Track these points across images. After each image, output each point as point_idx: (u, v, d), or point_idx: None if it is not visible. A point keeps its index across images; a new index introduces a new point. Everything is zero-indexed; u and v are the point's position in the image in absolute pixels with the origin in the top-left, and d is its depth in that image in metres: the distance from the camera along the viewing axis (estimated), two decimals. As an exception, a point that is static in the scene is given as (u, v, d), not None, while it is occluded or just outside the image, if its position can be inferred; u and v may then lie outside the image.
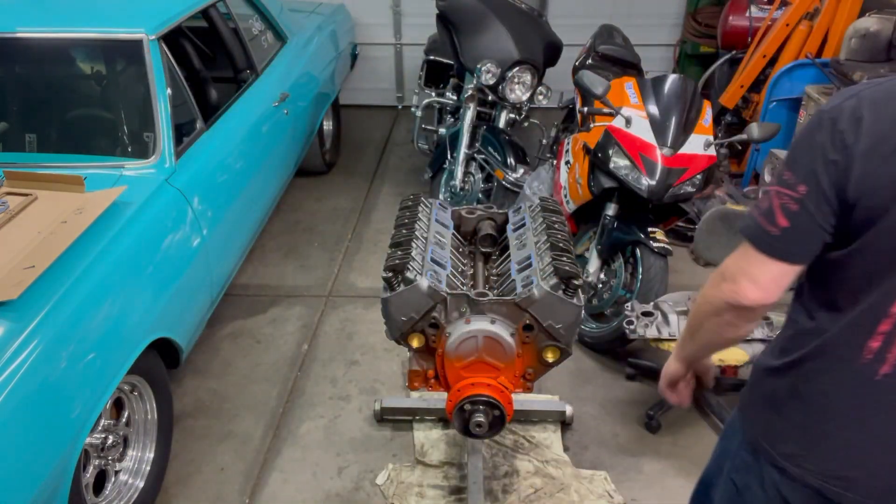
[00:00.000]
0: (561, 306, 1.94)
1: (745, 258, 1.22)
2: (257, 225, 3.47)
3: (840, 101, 1.14)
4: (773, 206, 1.17)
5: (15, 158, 2.69)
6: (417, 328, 2.01)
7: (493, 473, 2.55)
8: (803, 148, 1.16)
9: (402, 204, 2.38)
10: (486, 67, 3.65)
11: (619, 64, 3.91)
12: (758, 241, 1.20)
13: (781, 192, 1.17)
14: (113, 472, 2.30)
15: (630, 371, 3.04)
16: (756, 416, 1.36)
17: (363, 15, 5.63)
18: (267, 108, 3.53)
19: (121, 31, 2.82)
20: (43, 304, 1.94)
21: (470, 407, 2.01)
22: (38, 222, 2.18)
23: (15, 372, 1.79)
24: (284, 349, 3.24)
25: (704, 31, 5.32)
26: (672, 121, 2.88)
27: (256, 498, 2.52)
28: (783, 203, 1.16)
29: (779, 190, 1.17)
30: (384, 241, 3.69)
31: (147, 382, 2.38)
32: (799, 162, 1.16)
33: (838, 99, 1.15)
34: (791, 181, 1.16)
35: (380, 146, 5.39)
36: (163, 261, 2.46)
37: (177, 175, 2.68)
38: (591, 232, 3.18)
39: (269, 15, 4.01)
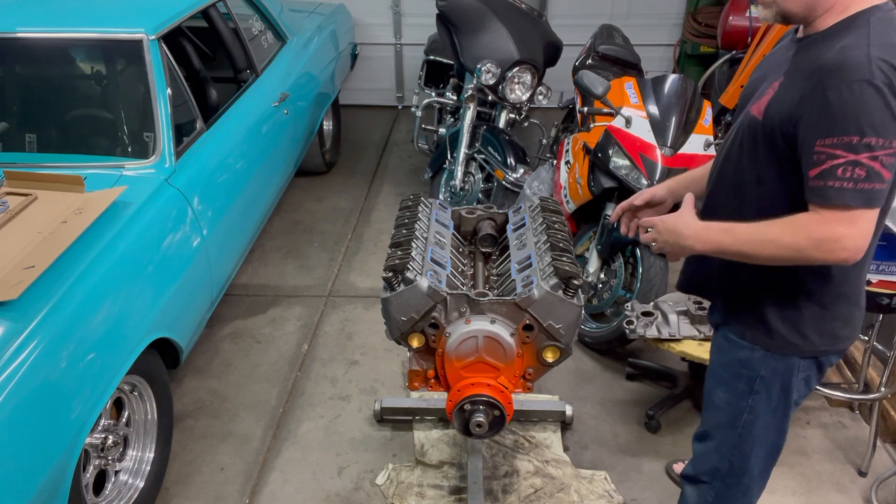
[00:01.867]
0: (561, 306, 1.94)
1: (866, 222, 1.37)
2: (257, 225, 3.47)
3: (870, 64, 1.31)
4: (877, 168, 1.33)
5: (15, 158, 2.69)
6: (417, 328, 2.01)
7: (493, 473, 2.55)
8: (878, 113, 1.31)
9: (402, 204, 2.38)
10: (486, 67, 3.65)
11: (619, 64, 3.91)
12: (875, 201, 1.35)
13: (877, 154, 1.32)
14: (113, 472, 2.30)
15: (630, 371, 3.04)
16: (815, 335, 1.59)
17: (363, 15, 5.63)
18: (267, 108, 3.53)
19: (121, 31, 2.82)
20: (43, 304, 1.94)
21: (470, 407, 2.01)
22: (38, 222, 2.18)
23: (15, 372, 1.79)
24: (284, 349, 3.24)
25: (704, 31, 5.32)
26: (672, 121, 2.89)
27: (256, 498, 2.52)
28: (884, 161, 1.33)
29: (872, 154, 1.32)
30: (384, 241, 3.70)
31: (147, 382, 2.38)
32: (879, 126, 1.31)
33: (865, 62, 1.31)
34: (881, 143, 1.31)
35: (380, 146, 5.40)
36: (163, 261, 2.46)
37: (177, 175, 2.68)
38: (591, 232, 3.18)
39: (269, 15, 4.01)
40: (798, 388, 1.66)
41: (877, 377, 2.63)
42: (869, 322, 2.60)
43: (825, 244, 1.38)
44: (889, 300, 2.24)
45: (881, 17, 1.38)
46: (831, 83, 1.34)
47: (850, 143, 1.32)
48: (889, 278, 2.25)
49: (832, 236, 1.37)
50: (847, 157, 1.33)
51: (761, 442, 1.72)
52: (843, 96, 1.32)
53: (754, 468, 1.75)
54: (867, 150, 1.32)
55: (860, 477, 2.58)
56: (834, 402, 2.89)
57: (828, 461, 2.64)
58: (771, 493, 2.48)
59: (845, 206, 1.35)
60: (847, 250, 1.37)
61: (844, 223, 1.36)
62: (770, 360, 1.63)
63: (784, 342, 1.60)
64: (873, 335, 2.58)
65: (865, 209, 1.35)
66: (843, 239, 1.37)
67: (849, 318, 1.60)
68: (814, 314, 1.57)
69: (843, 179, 1.34)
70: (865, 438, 2.66)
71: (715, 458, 1.78)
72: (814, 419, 2.83)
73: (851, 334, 1.63)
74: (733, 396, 1.70)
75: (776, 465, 2.57)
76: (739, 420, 1.70)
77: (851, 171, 1.33)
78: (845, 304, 1.58)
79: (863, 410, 2.85)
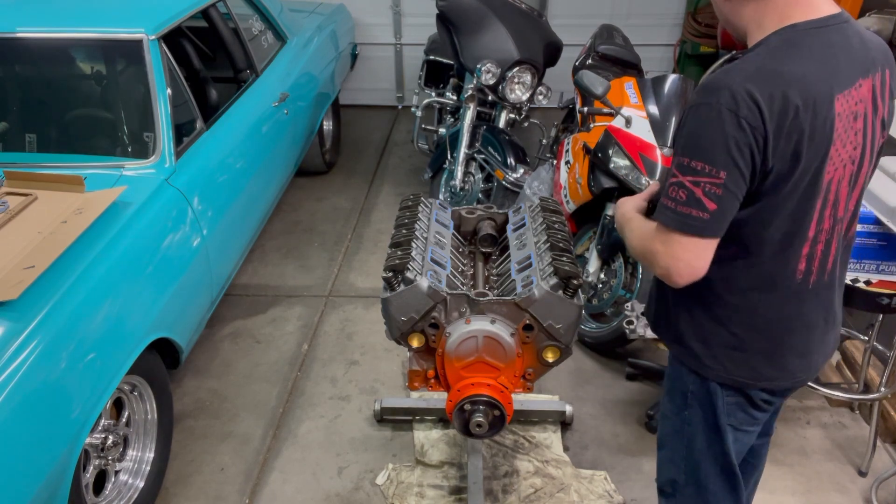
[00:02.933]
0: (561, 306, 1.94)
1: (677, 246, 1.35)
2: (257, 225, 3.47)
3: (728, 89, 1.26)
4: (698, 195, 1.31)
5: (15, 158, 2.69)
6: (417, 328, 2.01)
7: (493, 473, 2.55)
8: (710, 139, 1.28)
9: (402, 204, 2.38)
10: (486, 67, 3.65)
11: (619, 64, 3.91)
12: (689, 228, 1.33)
13: (700, 180, 1.30)
14: (113, 472, 2.30)
15: (630, 371, 3.04)
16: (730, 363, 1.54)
17: (363, 15, 5.63)
18: (267, 108, 3.53)
19: (121, 31, 2.82)
20: (43, 304, 1.94)
21: (470, 407, 2.01)
22: (38, 222, 2.18)
23: (15, 372, 1.79)
24: (284, 349, 3.24)
25: (704, 31, 5.32)
26: (672, 121, 2.88)
27: (256, 498, 2.52)
28: (707, 190, 1.30)
29: (696, 179, 1.30)
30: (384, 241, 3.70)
31: (147, 382, 2.38)
32: (710, 152, 1.28)
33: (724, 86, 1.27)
34: (707, 170, 1.29)
35: (380, 146, 5.40)
36: (163, 261, 2.46)
37: (177, 175, 2.68)
38: (591, 232, 3.18)
39: (269, 15, 4.01)
40: (731, 413, 1.59)
41: (877, 377, 2.63)
42: (869, 322, 2.60)
43: (648, 255, 1.41)
44: (889, 300, 2.24)
45: (787, 38, 1.30)
46: (692, 101, 1.33)
47: (683, 164, 1.32)
48: (889, 278, 2.25)
49: (652, 250, 1.40)
50: (678, 177, 1.33)
51: (706, 458, 1.66)
52: (692, 115, 1.31)
53: (709, 483, 1.68)
54: (692, 174, 1.30)
55: (860, 477, 2.58)
56: (834, 402, 2.89)
57: (828, 461, 2.64)
58: (771, 492, 2.49)
59: (664, 225, 1.36)
60: (659, 268, 1.39)
61: (659, 241, 1.38)
62: (694, 378, 1.59)
63: (700, 363, 1.56)
64: (873, 335, 2.58)
65: (678, 234, 1.34)
66: (656, 255, 1.38)
67: (773, 359, 1.51)
68: (725, 341, 1.51)
69: (669, 198, 1.35)
70: (865, 438, 2.66)
71: (671, 468, 1.75)
72: (814, 419, 2.84)
73: (780, 377, 1.53)
74: (674, 408, 1.69)
75: (776, 465, 2.59)
76: (683, 431, 1.67)
77: (676, 192, 1.33)
78: (764, 341, 1.50)
79: (863, 410, 2.85)
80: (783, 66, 1.27)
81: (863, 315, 2.81)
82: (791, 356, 1.52)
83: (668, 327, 1.62)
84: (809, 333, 1.52)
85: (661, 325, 1.67)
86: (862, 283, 2.25)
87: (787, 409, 2.84)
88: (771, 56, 1.29)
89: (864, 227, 2.21)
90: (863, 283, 2.25)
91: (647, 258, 1.43)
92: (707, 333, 1.53)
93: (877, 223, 2.23)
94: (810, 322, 1.51)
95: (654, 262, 1.40)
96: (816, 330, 1.53)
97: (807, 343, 1.53)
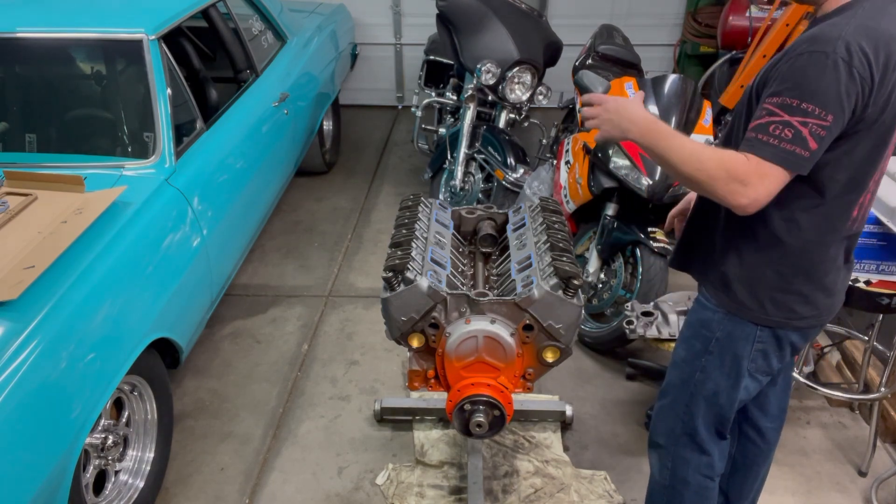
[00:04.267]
0: (561, 306, 1.94)
1: (774, 180, 1.42)
2: (257, 225, 3.47)
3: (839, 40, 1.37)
4: (804, 134, 1.39)
5: (15, 158, 2.69)
6: (417, 328, 2.01)
7: (493, 473, 2.55)
8: (823, 84, 1.37)
9: (402, 204, 2.38)
10: (486, 67, 3.65)
11: (619, 64, 3.91)
12: (791, 165, 1.41)
13: (808, 121, 1.38)
14: (113, 472, 2.30)
15: (630, 371, 3.04)
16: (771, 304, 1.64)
17: (363, 15, 5.63)
18: (267, 108, 3.53)
19: (121, 31, 2.82)
20: (43, 304, 1.94)
21: (470, 407, 2.01)
22: (38, 222, 2.18)
23: (15, 372, 1.79)
24: (284, 349, 3.24)
25: (704, 31, 5.32)
26: (672, 121, 2.88)
27: (256, 498, 2.52)
28: (813, 130, 1.39)
29: (804, 120, 1.38)
30: (384, 241, 3.69)
31: (147, 382, 2.38)
32: (821, 95, 1.37)
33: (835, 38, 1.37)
34: (816, 112, 1.38)
35: (380, 146, 5.40)
36: (163, 261, 2.46)
37: (177, 175, 2.68)
38: (591, 232, 3.18)
39: (269, 15, 4.01)
40: (754, 360, 1.70)
41: (877, 377, 2.63)
42: (869, 322, 2.60)
43: (733, 183, 1.43)
44: (889, 300, 2.24)
45: (875, 3, 1.43)
46: (799, 50, 1.41)
47: (790, 104, 1.39)
48: (889, 278, 2.25)
49: (742, 178, 1.42)
50: (783, 116, 1.40)
51: (709, 404, 1.77)
52: (802, 62, 1.39)
53: (701, 430, 1.81)
54: (801, 115, 1.38)
55: (860, 477, 2.58)
56: (834, 402, 2.89)
57: (828, 461, 2.64)
58: (771, 493, 2.49)
59: (763, 158, 1.41)
60: (746, 197, 1.42)
61: (756, 173, 1.42)
62: (727, 323, 1.69)
63: (740, 305, 1.65)
64: (873, 335, 2.58)
65: (778, 167, 1.41)
66: (748, 185, 1.42)
67: (809, 298, 1.63)
68: (770, 282, 1.62)
69: (771, 136, 1.41)
70: (865, 438, 2.66)
71: (670, 416, 1.85)
72: (814, 419, 2.84)
73: (812, 315, 1.65)
74: (690, 355, 1.78)
75: (776, 465, 2.59)
76: (693, 378, 1.77)
77: (781, 130, 1.40)
78: (805, 282, 1.61)
79: (863, 410, 2.85)
80: (881, 25, 1.40)
81: (863, 315, 2.81)
82: (822, 295, 1.64)
83: (715, 273, 1.69)
84: (838, 274, 1.66)
85: (704, 270, 1.74)
86: (862, 283, 2.25)
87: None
88: (869, 17, 1.40)
89: (865, 227, 2.21)
90: (863, 283, 2.25)
91: (720, 182, 1.44)
92: (756, 276, 1.62)
93: (877, 223, 2.23)
94: (840, 264, 1.65)
95: (737, 189, 1.42)
96: (843, 271, 1.68)
97: (835, 282, 1.66)
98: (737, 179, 1.42)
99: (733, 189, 1.43)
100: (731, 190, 1.43)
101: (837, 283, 1.67)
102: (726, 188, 1.43)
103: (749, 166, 1.42)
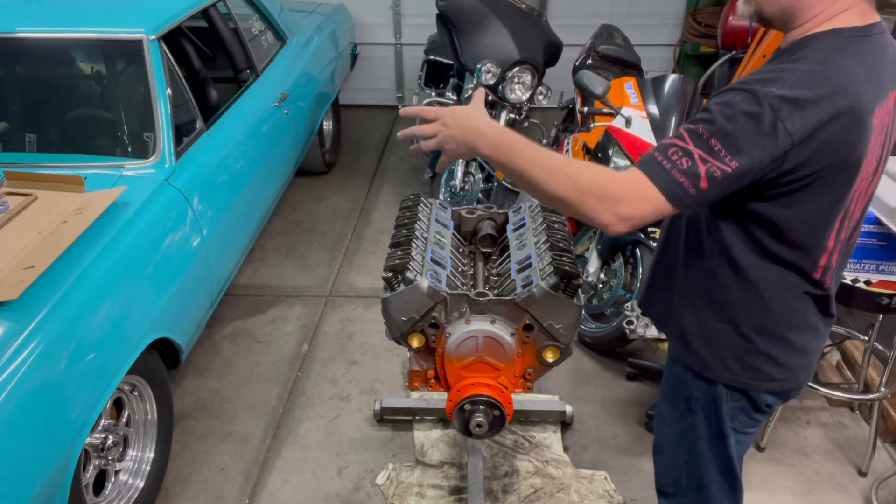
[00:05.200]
0: (561, 306, 1.94)
1: (649, 203, 1.26)
2: (257, 225, 3.47)
3: (773, 88, 1.22)
4: (700, 171, 1.24)
5: (15, 158, 2.69)
6: (417, 328, 2.01)
7: (493, 473, 2.55)
8: (741, 127, 1.22)
9: (402, 204, 2.38)
10: (486, 67, 3.65)
11: (619, 64, 3.91)
12: (672, 195, 1.26)
13: (709, 160, 1.24)
14: (113, 472, 2.30)
15: (630, 371, 3.04)
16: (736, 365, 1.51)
17: (363, 15, 5.63)
18: (267, 108, 3.53)
19: (121, 31, 2.82)
20: (43, 304, 1.94)
21: (470, 407, 2.01)
22: (38, 222, 2.18)
23: (15, 372, 1.79)
24: (284, 349, 3.24)
25: (704, 31, 5.32)
26: (672, 121, 2.88)
27: (256, 498, 2.52)
28: (709, 169, 1.24)
29: (704, 157, 1.24)
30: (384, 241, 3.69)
31: (147, 382, 2.38)
32: (735, 139, 1.22)
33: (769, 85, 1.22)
34: (723, 154, 1.23)
35: (380, 146, 5.40)
36: (163, 261, 2.46)
37: (177, 175, 2.68)
38: (591, 232, 3.18)
39: (269, 15, 4.01)
40: (735, 417, 1.57)
41: (877, 377, 2.63)
42: (869, 322, 2.60)
43: (606, 200, 1.27)
44: (889, 300, 2.24)
45: (834, 44, 1.26)
46: (734, 85, 1.27)
47: (700, 135, 1.25)
48: (889, 278, 2.25)
49: (618, 195, 1.26)
50: (688, 145, 1.25)
51: (709, 462, 1.64)
52: (729, 97, 1.25)
53: (711, 486, 1.67)
54: (705, 150, 1.24)
55: (860, 477, 2.58)
56: (834, 402, 2.89)
57: (828, 461, 2.64)
58: (771, 493, 2.49)
59: (649, 178, 1.26)
60: (615, 214, 1.26)
61: (636, 193, 1.26)
62: (698, 381, 1.56)
63: (703, 364, 1.53)
64: (873, 335, 2.58)
65: (660, 193, 1.25)
66: (622, 203, 1.26)
67: (779, 359, 1.49)
68: (733, 343, 1.48)
69: (667, 159, 1.26)
70: (865, 438, 2.66)
71: (672, 471, 1.74)
72: (814, 419, 2.84)
73: (785, 378, 1.52)
74: (676, 413, 1.65)
75: (776, 465, 2.60)
76: (685, 437, 1.65)
77: (679, 157, 1.25)
78: (769, 341, 1.47)
79: (863, 410, 2.85)
80: (831, 73, 1.23)
81: (863, 315, 2.81)
82: (795, 356, 1.51)
83: (672, 323, 1.58)
84: (813, 332, 1.52)
85: (664, 321, 1.64)
86: (862, 283, 2.25)
87: (787, 409, 2.84)
88: (822, 63, 1.24)
89: (865, 227, 2.21)
90: (863, 283, 2.25)
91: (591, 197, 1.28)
92: (714, 334, 1.50)
93: (877, 223, 2.22)
94: (812, 322, 1.50)
95: (609, 206, 1.27)
96: (820, 327, 1.53)
97: (809, 341, 1.52)
98: (612, 196, 1.27)
99: (606, 206, 1.27)
100: (604, 207, 1.27)
101: (812, 342, 1.52)
102: (597, 205, 1.27)
103: (630, 183, 1.27)
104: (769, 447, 2.69)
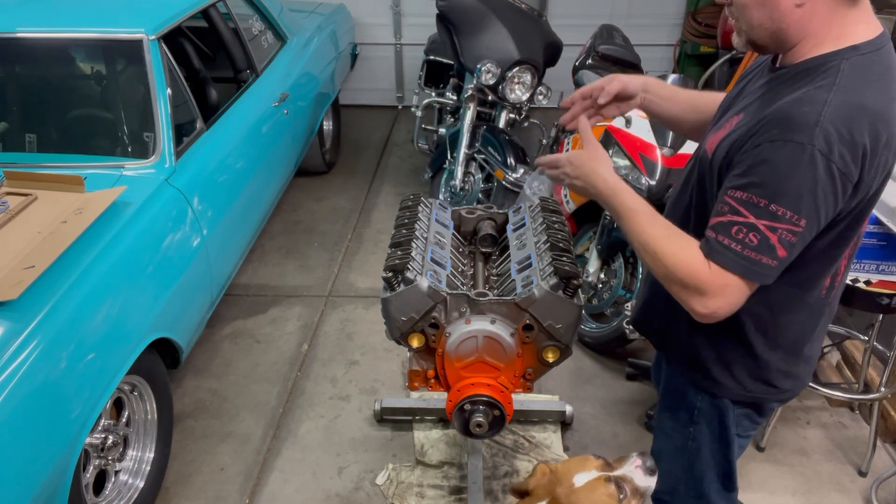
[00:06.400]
0: (561, 306, 1.94)
1: (737, 291, 1.26)
2: (257, 225, 3.47)
3: (818, 127, 1.16)
4: (772, 241, 1.21)
5: (15, 158, 2.69)
6: (417, 328, 2.01)
7: (493, 473, 2.55)
8: (796, 182, 1.17)
9: (402, 204, 2.38)
10: (486, 67, 3.65)
11: (619, 64, 3.90)
12: (755, 275, 1.24)
13: (777, 226, 1.20)
14: (113, 472, 2.30)
15: (630, 371, 3.04)
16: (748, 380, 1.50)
17: (363, 15, 5.63)
18: (267, 108, 3.53)
19: (121, 31, 2.82)
20: (43, 304, 1.94)
21: (470, 407, 2.00)
22: (38, 222, 2.18)
23: (15, 372, 1.79)
24: (284, 349, 3.24)
25: (704, 31, 5.32)
26: (672, 121, 2.88)
27: (256, 498, 2.52)
28: (782, 237, 1.21)
29: (772, 225, 1.20)
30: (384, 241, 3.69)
31: (147, 382, 2.38)
32: (793, 197, 1.18)
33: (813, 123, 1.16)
34: (787, 216, 1.19)
35: (380, 146, 5.40)
36: (163, 261, 2.46)
37: (177, 175, 2.68)
38: (591, 232, 3.18)
39: (269, 15, 4.01)
40: (740, 424, 1.58)
41: (877, 377, 2.63)
42: (869, 322, 2.60)
43: (688, 290, 1.28)
44: (889, 300, 2.24)
45: (855, 63, 1.21)
46: (770, 135, 1.19)
47: (757, 204, 1.20)
48: (889, 278, 2.25)
49: (697, 286, 1.26)
50: (748, 218, 1.21)
51: (710, 468, 1.65)
52: (772, 153, 1.18)
53: (710, 491, 1.68)
54: (769, 218, 1.19)
55: (860, 477, 2.58)
56: (834, 402, 2.89)
57: (828, 461, 2.64)
58: (771, 493, 2.49)
59: (724, 268, 1.24)
60: (705, 307, 1.27)
61: (716, 283, 1.25)
62: (703, 395, 1.56)
63: (715, 384, 1.52)
64: (873, 335, 2.58)
65: (739, 278, 1.24)
66: (706, 295, 1.26)
67: (789, 372, 1.49)
68: (747, 363, 1.47)
69: (734, 240, 1.23)
70: (865, 438, 2.66)
71: (670, 479, 1.73)
72: (814, 419, 2.83)
73: (794, 386, 1.53)
74: (677, 424, 1.65)
75: (776, 465, 2.59)
76: (686, 447, 1.64)
77: (745, 234, 1.21)
78: (784, 357, 1.47)
79: (863, 410, 2.85)
80: (865, 100, 1.18)
81: (863, 315, 2.81)
82: (804, 365, 1.51)
83: (680, 347, 1.56)
84: (819, 339, 1.52)
85: (666, 343, 1.62)
86: (862, 283, 2.25)
87: (787, 409, 2.84)
88: (851, 88, 1.19)
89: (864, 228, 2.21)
90: (863, 283, 2.25)
91: (677, 285, 1.29)
92: (727, 356, 1.48)
93: (877, 223, 2.23)
94: (820, 330, 1.50)
95: (692, 297, 1.27)
96: (822, 336, 1.54)
97: (814, 348, 1.53)
98: (694, 286, 1.26)
99: (691, 295, 1.27)
100: (689, 296, 1.27)
101: (815, 348, 1.53)
102: (683, 292, 1.28)
103: (709, 275, 1.25)
104: (769, 447, 2.69)
